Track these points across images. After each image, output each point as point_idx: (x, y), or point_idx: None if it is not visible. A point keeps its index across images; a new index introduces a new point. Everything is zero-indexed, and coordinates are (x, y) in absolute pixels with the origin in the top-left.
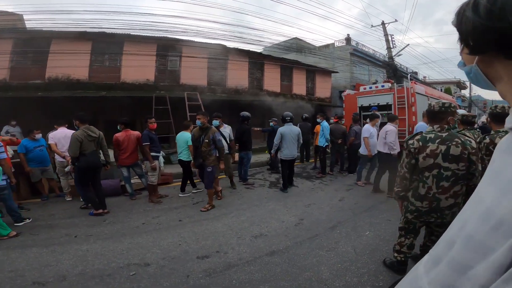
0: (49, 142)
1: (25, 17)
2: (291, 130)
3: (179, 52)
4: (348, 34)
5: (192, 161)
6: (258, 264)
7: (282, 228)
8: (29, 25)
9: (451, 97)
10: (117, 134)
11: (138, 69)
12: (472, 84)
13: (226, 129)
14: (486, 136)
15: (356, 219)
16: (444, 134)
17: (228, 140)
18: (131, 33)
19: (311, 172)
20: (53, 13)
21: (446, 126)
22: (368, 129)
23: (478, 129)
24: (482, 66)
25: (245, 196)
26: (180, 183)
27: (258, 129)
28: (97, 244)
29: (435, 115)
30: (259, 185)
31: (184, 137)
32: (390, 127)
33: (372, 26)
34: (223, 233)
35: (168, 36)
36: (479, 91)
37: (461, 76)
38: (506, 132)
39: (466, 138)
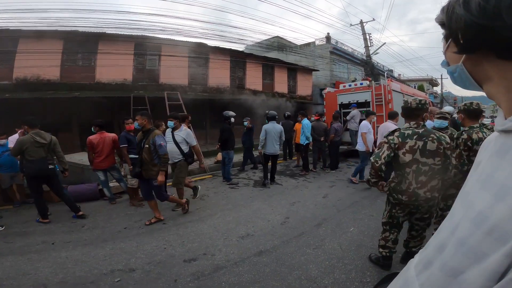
0: (9, 146)
1: None
2: (274, 128)
3: (158, 51)
4: (328, 33)
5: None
6: (247, 265)
7: (269, 228)
8: None
9: (425, 94)
10: (91, 137)
11: (114, 69)
12: (442, 81)
13: (181, 133)
14: (464, 132)
15: (340, 215)
16: (420, 130)
17: (183, 146)
18: (106, 32)
19: (294, 170)
20: (21, 12)
21: (422, 122)
22: (366, 125)
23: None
24: (468, 66)
25: (230, 196)
26: None
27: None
28: (77, 250)
29: (412, 111)
30: (244, 184)
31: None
32: (390, 124)
33: (351, 25)
34: (209, 235)
35: (146, 34)
36: (449, 88)
37: (433, 73)
38: (480, 128)
39: (441, 134)
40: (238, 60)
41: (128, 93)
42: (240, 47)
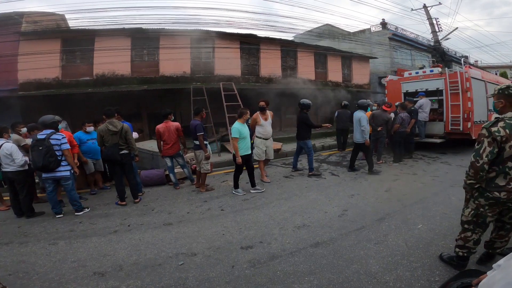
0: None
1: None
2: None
3: (212, 43)
4: (383, 19)
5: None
6: (303, 256)
7: (326, 219)
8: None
9: (510, 81)
10: (158, 126)
11: (174, 62)
12: None
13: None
14: None
15: (406, 211)
16: None
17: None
18: (165, 28)
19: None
20: (92, 11)
21: None
22: None
23: None
24: None
25: (284, 185)
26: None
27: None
28: (148, 233)
29: None
30: (298, 174)
31: (233, 128)
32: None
33: (412, 9)
34: (265, 223)
35: (200, 28)
36: None
37: None
38: None
39: None
40: (289, 49)
41: (187, 85)
42: (289, 36)
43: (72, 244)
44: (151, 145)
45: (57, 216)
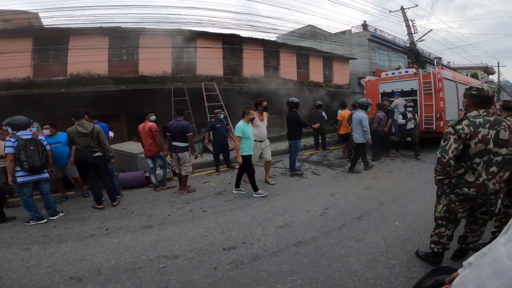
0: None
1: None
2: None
3: (194, 43)
4: (364, 21)
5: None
6: (285, 255)
7: (307, 218)
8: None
9: (479, 82)
10: (140, 125)
11: (155, 62)
12: (499, 69)
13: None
14: None
15: (384, 208)
16: (491, 118)
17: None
18: (145, 27)
19: (332, 160)
20: (68, 10)
21: (491, 110)
22: None
23: None
24: None
25: (266, 185)
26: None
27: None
28: (127, 236)
29: (489, 100)
30: (280, 174)
31: (237, 127)
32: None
33: (390, 11)
34: (247, 224)
35: (182, 28)
36: (507, 77)
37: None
38: None
39: (511, 122)
40: (271, 49)
41: (168, 85)
42: (273, 37)
43: (46, 249)
44: (129, 146)
45: (50, 218)
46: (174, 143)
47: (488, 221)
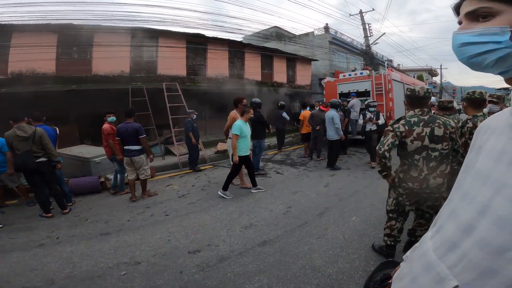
0: None
1: None
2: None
3: (155, 42)
4: (326, 23)
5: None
6: (251, 255)
7: (271, 217)
8: None
9: (424, 83)
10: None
11: (111, 61)
12: (442, 71)
13: None
14: (468, 121)
15: (342, 204)
16: (426, 117)
17: None
18: (101, 24)
19: (295, 159)
20: (13, 6)
21: (426, 109)
22: None
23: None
24: None
25: (231, 186)
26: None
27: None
28: (82, 244)
29: (420, 100)
30: (244, 174)
31: (235, 125)
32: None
33: (350, 15)
34: (212, 226)
35: (143, 26)
36: (449, 78)
37: (432, 63)
38: (483, 116)
39: (445, 118)
40: (236, 50)
41: (126, 85)
42: (238, 37)
43: None
44: (80, 150)
45: None
46: (127, 147)
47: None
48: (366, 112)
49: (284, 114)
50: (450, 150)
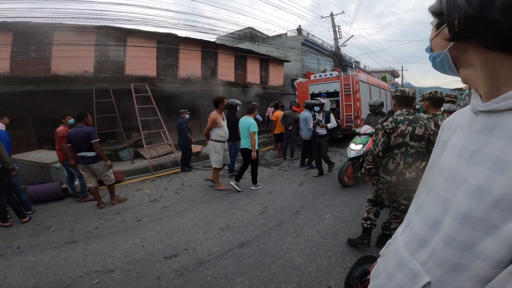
0: None
1: None
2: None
3: (123, 41)
4: (299, 25)
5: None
6: (230, 257)
7: (248, 218)
8: None
9: (387, 84)
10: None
11: (72, 60)
12: (403, 73)
13: None
14: (430, 119)
15: (316, 202)
16: (411, 117)
17: None
18: (62, 22)
19: (269, 159)
20: None
21: (412, 110)
22: None
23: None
24: (453, 52)
25: (206, 188)
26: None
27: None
28: (46, 254)
29: (410, 100)
30: (220, 175)
31: (246, 122)
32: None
33: (322, 17)
34: (188, 229)
35: (109, 24)
36: (409, 80)
37: (394, 65)
38: (442, 115)
39: (427, 121)
40: (209, 51)
41: (89, 85)
42: (212, 38)
43: None
44: (39, 155)
45: None
46: (81, 154)
47: None
48: (315, 113)
49: (257, 116)
50: (426, 150)
